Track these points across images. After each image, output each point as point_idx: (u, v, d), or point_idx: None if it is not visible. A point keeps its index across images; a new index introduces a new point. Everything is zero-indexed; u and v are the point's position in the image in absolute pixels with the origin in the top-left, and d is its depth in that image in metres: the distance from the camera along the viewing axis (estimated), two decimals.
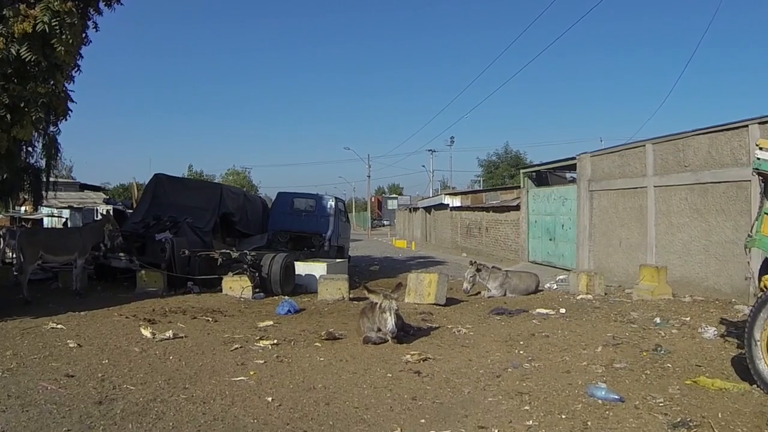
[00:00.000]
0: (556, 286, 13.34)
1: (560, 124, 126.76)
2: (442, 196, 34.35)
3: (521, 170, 22.74)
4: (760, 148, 5.68)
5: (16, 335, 7.16)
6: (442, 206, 32.83)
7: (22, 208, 26.94)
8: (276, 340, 7.17)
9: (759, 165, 5.69)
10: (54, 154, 13.34)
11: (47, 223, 27.07)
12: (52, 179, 14.70)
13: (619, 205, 14.64)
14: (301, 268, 12.71)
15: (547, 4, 67.18)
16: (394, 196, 76.38)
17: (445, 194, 34.88)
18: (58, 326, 7.68)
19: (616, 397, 4.95)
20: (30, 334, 7.22)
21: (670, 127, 60.55)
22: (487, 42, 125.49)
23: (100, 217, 15.00)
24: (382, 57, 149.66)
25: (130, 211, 18.97)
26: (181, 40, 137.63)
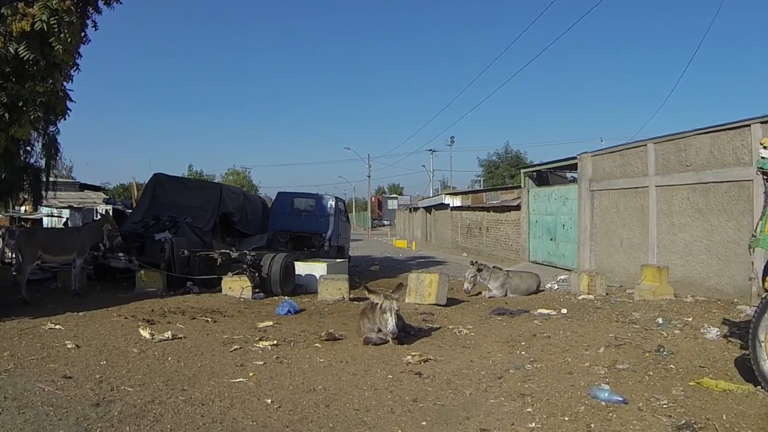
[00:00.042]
0: (557, 286, 13.29)
1: (560, 124, 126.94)
2: (443, 196, 34.30)
3: (522, 170, 22.68)
4: (765, 147, 5.63)
5: (14, 336, 7.11)
6: (442, 206, 32.79)
7: (22, 208, 26.89)
8: (276, 341, 7.12)
9: (763, 164, 5.63)
10: (54, 154, 13.30)
11: (47, 223, 27.02)
12: (51, 179, 14.68)
13: (621, 205, 14.59)
14: (301, 268, 12.67)
15: (547, 4, 67.14)
16: (395, 196, 76.38)
17: (446, 194, 34.84)
18: (57, 327, 7.63)
19: (620, 399, 4.90)
20: (28, 335, 7.18)
21: (671, 127, 60.75)
22: (487, 42, 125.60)
23: (99, 217, 14.94)
24: (382, 57, 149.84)
25: (130, 211, 18.92)
26: (181, 40, 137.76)
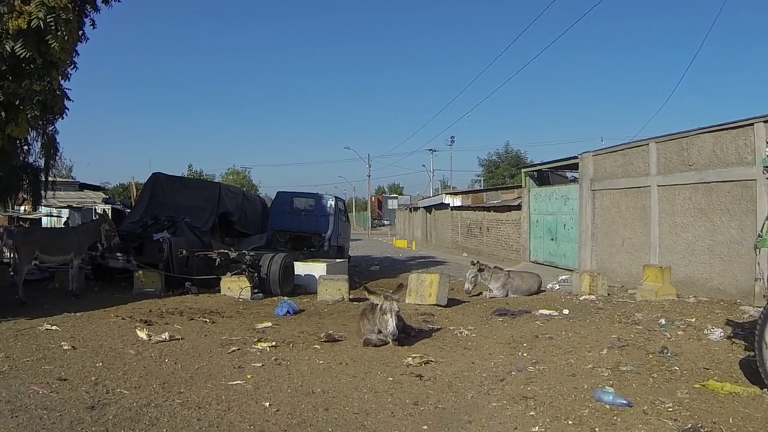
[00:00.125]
0: (558, 287, 13.20)
1: (560, 124, 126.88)
2: (443, 196, 34.19)
3: (523, 169, 22.59)
4: None
5: (9, 337, 7.03)
6: (442, 206, 32.70)
7: (21, 208, 26.80)
8: (274, 342, 7.04)
9: None
10: (53, 154, 13.23)
11: (46, 222, 26.93)
12: (51, 179, 14.61)
13: (622, 205, 14.51)
14: (301, 269, 12.58)
15: (547, 4, 67.02)
16: (395, 195, 76.29)
17: (446, 194, 34.73)
18: (53, 328, 7.56)
19: (624, 402, 4.81)
20: (24, 336, 7.10)
21: (673, 127, 60.66)
22: (487, 42, 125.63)
23: (97, 217, 14.86)
24: (382, 57, 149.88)
25: (129, 211, 18.83)
26: (181, 40, 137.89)
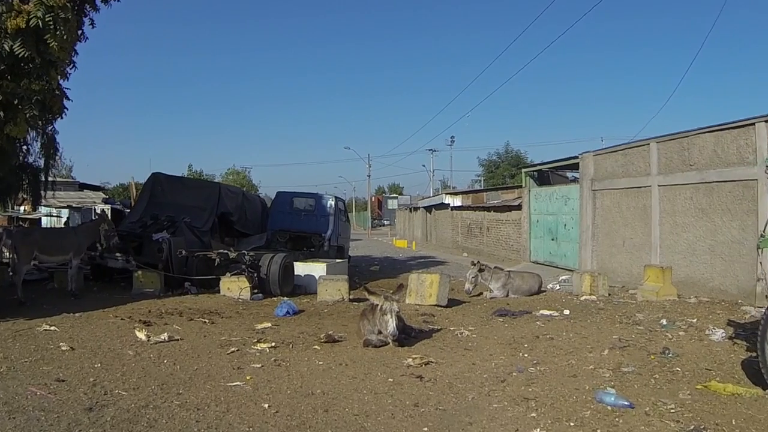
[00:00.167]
0: (558, 287, 13.15)
1: (561, 124, 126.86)
2: (443, 196, 34.14)
3: (523, 169, 22.55)
4: None
5: (8, 337, 7.00)
6: (442, 206, 32.65)
7: (21, 208, 26.76)
8: (274, 343, 7.00)
9: None
10: (52, 154, 13.22)
11: (46, 222, 26.91)
12: (50, 179, 14.59)
13: (623, 205, 14.47)
14: (301, 269, 12.54)
15: (547, 4, 66.91)
16: (395, 195, 76.24)
17: (446, 194, 34.68)
18: (52, 328, 7.53)
19: (626, 404, 4.78)
20: (22, 337, 7.07)
21: (673, 127, 60.61)
22: (487, 42, 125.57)
23: (96, 217, 14.83)
24: (382, 57, 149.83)
25: (128, 211, 18.80)
26: (181, 40, 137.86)
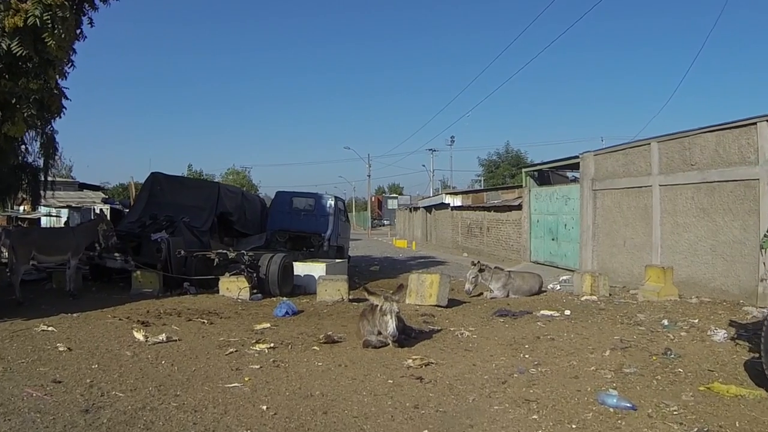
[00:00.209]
0: (559, 287, 13.10)
1: (561, 124, 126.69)
2: (443, 196, 34.09)
3: (523, 169, 22.50)
4: None
5: (5, 338, 6.94)
6: (442, 206, 32.60)
7: (21, 208, 26.72)
8: (273, 344, 6.95)
9: None
10: (52, 154, 13.19)
11: (45, 222, 26.86)
12: (50, 179, 14.55)
13: (624, 205, 14.42)
14: (300, 269, 12.49)
15: (546, 4, 66.88)
16: (395, 195, 76.15)
17: (446, 194, 34.63)
18: (49, 329, 7.47)
19: (628, 405, 4.72)
20: (19, 337, 7.01)
21: (674, 127, 60.49)
22: (487, 42, 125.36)
23: (94, 217, 14.78)
24: (382, 57, 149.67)
25: (127, 211, 18.74)
26: (181, 40, 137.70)
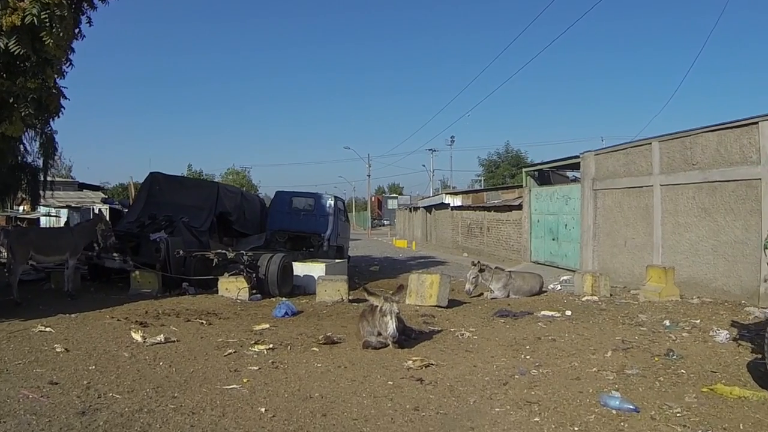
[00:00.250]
0: (559, 287, 13.06)
1: (561, 124, 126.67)
2: (443, 196, 34.03)
3: (524, 169, 22.45)
4: None
5: (2, 339, 6.88)
6: (442, 206, 32.54)
7: (20, 208, 26.66)
8: (272, 345, 6.89)
9: None
10: (51, 153, 13.13)
11: (45, 222, 26.77)
12: (49, 178, 14.49)
13: (624, 205, 14.36)
14: (300, 269, 12.44)
15: (546, 4, 66.82)
16: (394, 195, 76.09)
17: (446, 194, 34.56)
18: (47, 329, 7.41)
19: (631, 407, 4.67)
20: (17, 338, 6.95)
21: (674, 127, 60.46)
22: (487, 42, 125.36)
23: (93, 217, 14.73)
24: (382, 57, 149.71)
25: (126, 211, 18.69)
26: (181, 40, 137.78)
